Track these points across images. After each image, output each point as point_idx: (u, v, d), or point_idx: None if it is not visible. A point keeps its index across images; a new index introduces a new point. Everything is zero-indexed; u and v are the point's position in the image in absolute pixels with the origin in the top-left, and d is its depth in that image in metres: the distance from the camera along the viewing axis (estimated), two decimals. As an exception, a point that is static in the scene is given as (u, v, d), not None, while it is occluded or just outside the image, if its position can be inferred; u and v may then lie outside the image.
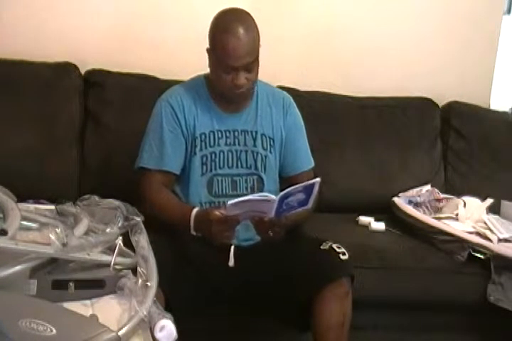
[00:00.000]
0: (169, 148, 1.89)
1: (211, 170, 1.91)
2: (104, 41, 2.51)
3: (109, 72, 2.42)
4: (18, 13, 2.44)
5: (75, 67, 2.39)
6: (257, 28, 1.84)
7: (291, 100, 2.06)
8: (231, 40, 1.77)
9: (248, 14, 1.85)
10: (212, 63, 1.86)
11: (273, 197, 1.63)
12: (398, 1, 2.83)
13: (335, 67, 2.76)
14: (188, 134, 1.91)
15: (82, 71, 2.42)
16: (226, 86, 1.83)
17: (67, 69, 2.38)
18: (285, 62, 2.66)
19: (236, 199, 1.61)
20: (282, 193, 1.63)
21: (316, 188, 1.66)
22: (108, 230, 1.50)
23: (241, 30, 1.78)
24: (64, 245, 1.27)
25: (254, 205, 1.65)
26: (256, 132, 1.96)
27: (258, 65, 1.86)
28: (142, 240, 1.56)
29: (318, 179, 1.65)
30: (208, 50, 1.86)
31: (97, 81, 2.40)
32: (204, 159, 1.90)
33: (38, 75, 2.34)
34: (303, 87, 2.61)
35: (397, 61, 2.84)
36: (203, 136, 1.91)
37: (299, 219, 1.87)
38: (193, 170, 1.91)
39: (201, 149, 1.91)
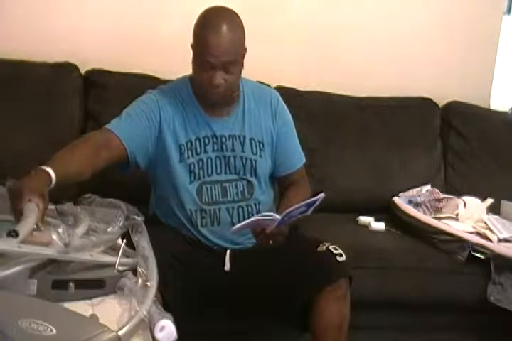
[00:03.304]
0: (129, 120, 1.84)
1: (199, 178, 1.86)
2: (104, 41, 2.51)
3: (109, 72, 2.42)
4: (19, 14, 2.44)
5: (75, 67, 2.39)
6: (242, 30, 1.80)
7: (279, 97, 2.02)
8: (211, 35, 1.74)
9: (235, 14, 1.82)
10: (193, 59, 1.82)
11: (277, 216, 1.64)
12: (398, 1, 2.83)
13: (335, 67, 2.77)
14: (160, 135, 1.86)
15: (82, 71, 2.42)
16: (204, 84, 1.80)
17: (67, 69, 2.38)
18: (285, 62, 2.66)
19: (240, 224, 1.65)
20: (286, 211, 1.64)
21: (319, 202, 1.67)
22: (109, 229, 1.50)
23: (223, 27, 1.75)
24: (66, 245, 1.27)
25: (256, 223, 1.67)
26: (244, 137, 1.92)
27: (240, 69, 1.82)
28: (142, 240, 1.55)
29: (322, 195, 1.66)
30: (191, 46, 1.83)
31: (97, 81, 2.40)
32: (192, 167, 1.86)
33: (38, 75, 2.34)
34: (303, 87, 2.61)
35: (397, 61, 2.85)
36: (189, 144, 1.87)
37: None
38: (180, 178, 1.86)
39: (188, 157, 1.86)
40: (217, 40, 1.74)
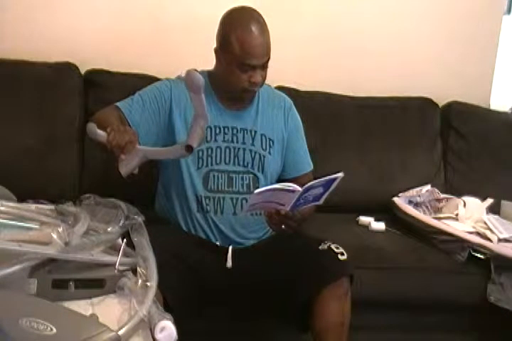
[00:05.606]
0: (141, 105, 1.89)
1: (207, 165, 1.90)
2: (104, 41, 2.51)
3: (109, 72, 2.42)
4: (19, 14, 2.44)
5: (75, 67, 2.39)
6: (267, 25, 1.84)
7: (292, 103, 2.07)
8: (252, 39, 1.78)
9: (259, 12, 1.85)
10: (225, 62, 1.85)
11: (298, 188, 1.63)
12: (398, 1, 2.83)
13: (335, 67, 2.77)
14: (170, 121, 1.89)
15: (82, 71, 2.42)
16: (242, 85, 1.83)
17: (67, 69, 2.38)
18: (285, 62, 2.64)
19: (263, 188, 1.63)
20: (306, 186, 1.63)
21: (336, 183, 1.66)
22: (109, 229, 1.50)
23: (258, 29, 1.79)
24: (66, 244, 1.27)
25: (276, 195, 1.65)
26: (255, 131, 1.95)
27: None
28: (142, 240, 1.56)
29: (341, 174, 1.66)
30: (218, 50, 1.85)
31: (97, 81, 2.40)
32: (200, 153, 1.89)
33: (38, 75, 2.33)
34: (303, 87, 2.61)
35: (397, 61, 2.85)
36: None
37: (307, 214, 1.89)
38: (188, 163, 1.89)
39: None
40: (258, 43, 1.79)
